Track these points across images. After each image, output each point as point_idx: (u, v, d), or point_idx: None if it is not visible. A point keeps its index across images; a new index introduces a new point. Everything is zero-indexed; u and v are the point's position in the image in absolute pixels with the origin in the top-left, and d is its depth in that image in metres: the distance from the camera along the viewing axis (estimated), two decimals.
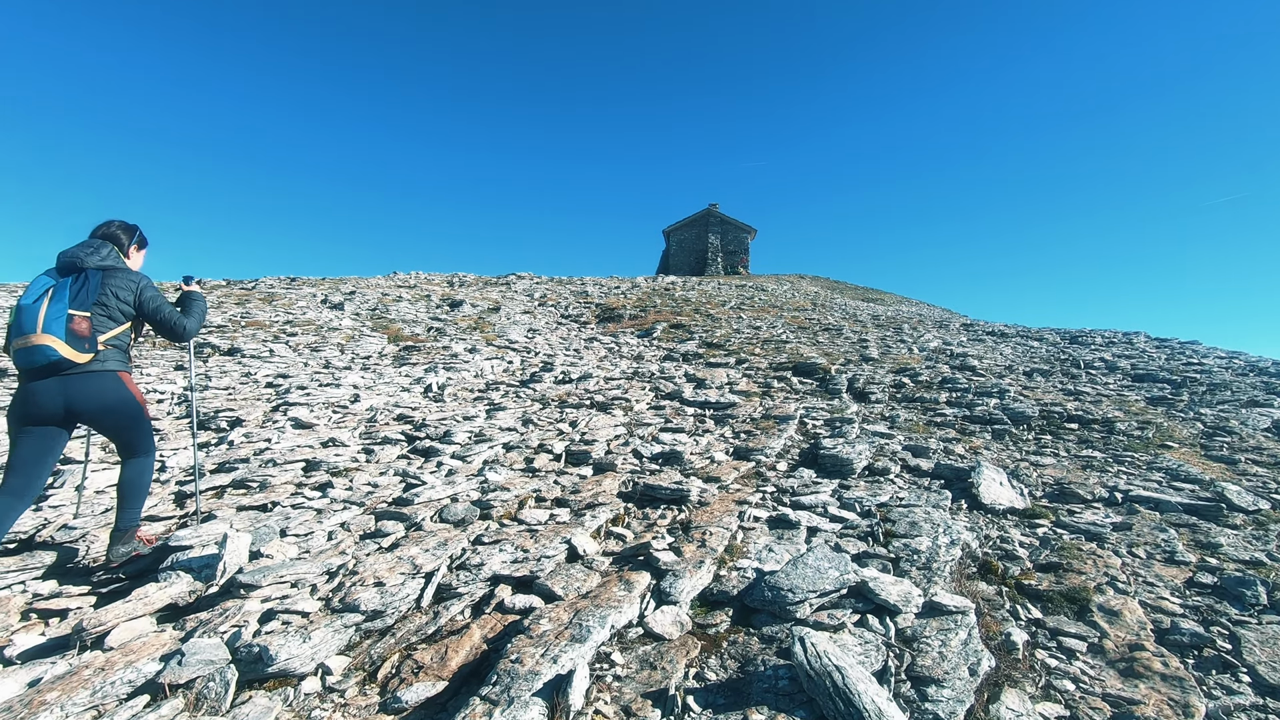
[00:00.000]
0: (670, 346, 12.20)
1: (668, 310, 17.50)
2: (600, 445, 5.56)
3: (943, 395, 7.79)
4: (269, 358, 9.73)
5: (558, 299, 20.13)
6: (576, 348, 11.88)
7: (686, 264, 45.87)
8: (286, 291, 17.26)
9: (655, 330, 14.44)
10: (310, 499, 4.24)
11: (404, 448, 5.44)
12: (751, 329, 14.13)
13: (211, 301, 14.77)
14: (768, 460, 5.38)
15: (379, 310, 14.93)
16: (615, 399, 7.42)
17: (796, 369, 9.49)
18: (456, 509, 4.01)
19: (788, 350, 11.11)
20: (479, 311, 16.11)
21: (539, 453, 5.40)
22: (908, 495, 4.54)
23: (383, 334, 12.30)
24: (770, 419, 6.69)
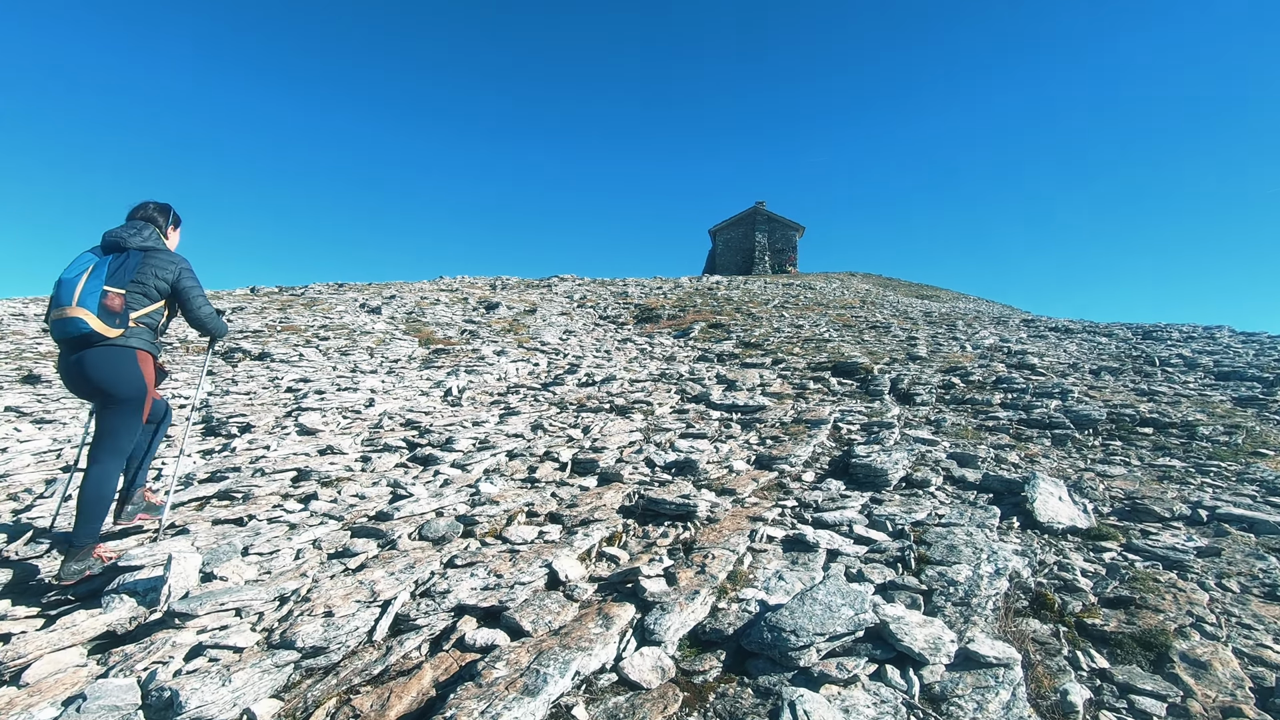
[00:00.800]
0: (705, 347, 11.72)
1: (707, 310, 17.00)
2: (610, 453, 5.16)
3: (996, 396, 7.10)
4: (297, 362, 9.69)
5: (597, 300, 19.86)
6: (608, 349, 11.52)
7: (733, 263, 45.14)
8: (330, 297, 17.48)
9: (692, 330, 13.97)
10: (289, 512, 3.96)
11: (403, 455, 5.15)
12: (793, 328, 13.52)
13: (255, 308, 15.01)
14: (792, 470, 4.88)
15: (415, 314, 14.91)
16: (637, 402, 7.01)
17: (836, 369, 8.90)
18: (438, 525, 3.67)
19: (829, 349, 10.49)
20: (515, 314, 15.95)
21: (544, 461, 5.04)
22: (949, 512, 3.98)
23: (414, 337, 12.21)
24: (801, 423, 6.16)
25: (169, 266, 3.43)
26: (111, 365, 3.23)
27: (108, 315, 3.19)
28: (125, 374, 3.27)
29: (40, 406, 6.91)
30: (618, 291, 21.99)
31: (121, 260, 3.32)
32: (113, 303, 3.20)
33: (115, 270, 3.28)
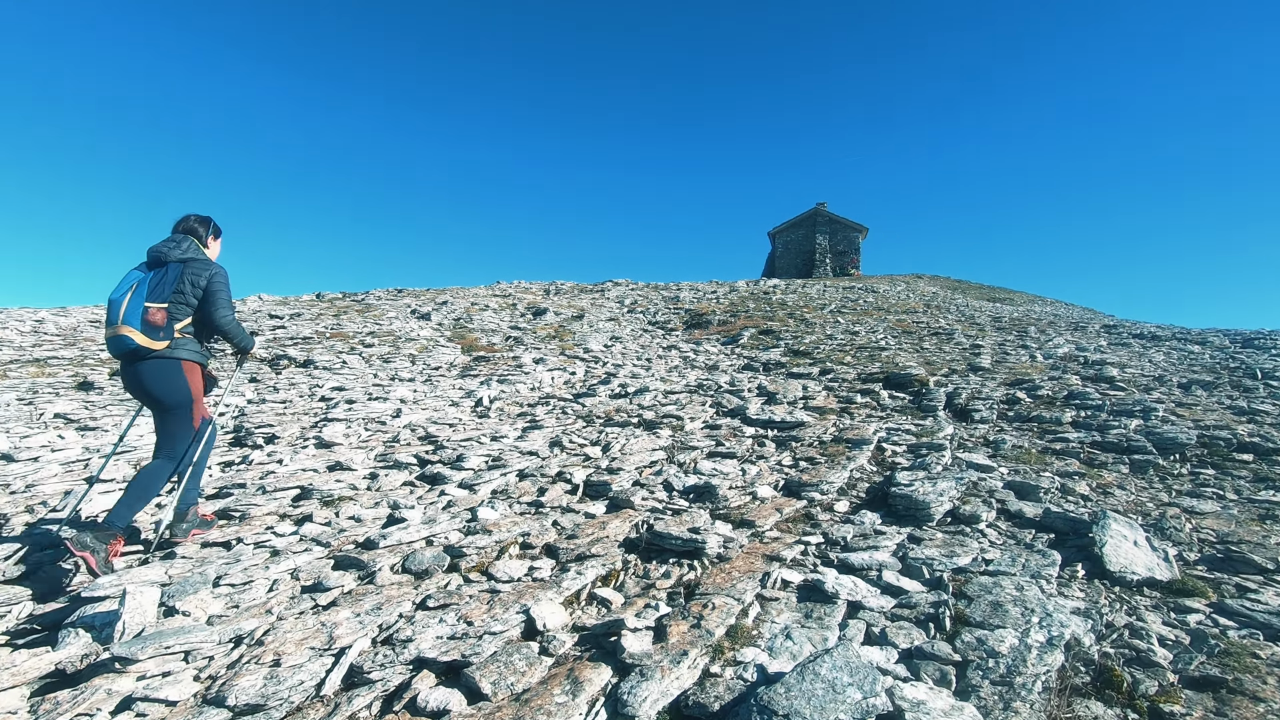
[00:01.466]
0: (751, 355, 11.23)
1: (759, 315, 16.44)
2: (627, 475, 4.82)
3: (1067, 414, 6.39)
4: (338, 369, 9.75)
5: (647, 305, 19.57)
6: (650, 357, 11.19)
7: (793, 266, 44.09)
8: (385, 303, 17.80)
9: (741, 337, 13.49)
10: (280, 535, 3.79)
11: (412, 473, 4.95)
12: (847, 334, 12.86)
13: (312, 314, 15.38)
14: (824, 499, 4.42)
15: (463, 320, 14.96)
16: (667, 416, 6.64)
17: (888, 381, 8.29)
18: (424, 556, 3.42)
19: (883, 358, 9.85)
20: (561, 319, 15.81)
21: (555, 482, 4.74)
22: (999, 556, 3.46)
23: (458, 344, 12.19)
24: (841, 443, 5.66)
25: (203, 273, 3.63)
26: (160, 375, 3.49)
27: (151, 330, 3.42)
28: (173, 383, 3.53)
29: (87, 414, 7.08)
30: (669, 296, 21.63)
31: (161, 275, 3.55)
32: (155, 318, 3.43)
33: (156, 285, 3.51)
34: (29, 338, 11.60)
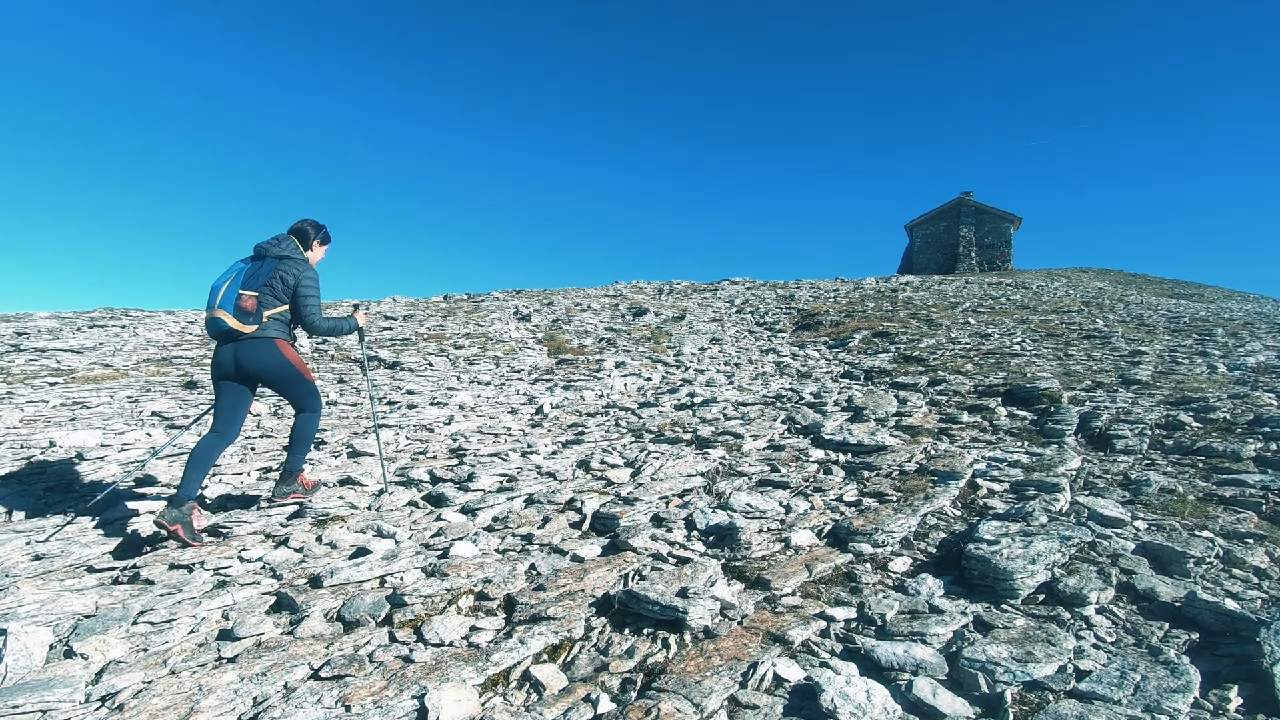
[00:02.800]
0: (855, 360, 10.05)
1: (876, 316, 14.97)
2: (645, 506, 4.14)
3: (1249, 446, 4.88)
4: (422, 372, 9.80)
5: (757, 305, 18.57)
6: (740, 362, 10.33)
7: (933, 261, 40.73)
8: (496, 304, 18.16)
9: (851, 340, 12.25)
10: (245, 560, 3.51)
11: (419, 492, 4.58)
12: (975, 338, 11.25)
13: (423, 315, 15.92)
14: (877, 552, 3.49)
15: (561, 321, 14.83)
16: (725, 433, 5.86)
17: (1010, 395, 6.93)
18: (363, 602, 2.96)
19: (1011, 367, 8.37)
20: (662, 320, 15.26)
21: (564, 510, 4.16)
22: (1102, 666, 2.43)
23: (546, 346, 11.98)
24: (926, 475, 4.63)
25: (294, 272, 3.99)
26: (259, 353, 3.89)
27: (242, 314, 3.83)
28: (272, 357, 3.93)
29: (180, 412, 7.46)
30: (784, 296, 20.43)
31: (258, 267, 3.95)
32: (246, 304, 3.83)
33: (251, 276, 3.92)
34: (174, 338, 12.81)
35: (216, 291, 3.87)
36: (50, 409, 7.43)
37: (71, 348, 11.32)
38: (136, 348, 11.56)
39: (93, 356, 10.53)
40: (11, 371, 9.09)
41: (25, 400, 7.63)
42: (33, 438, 6.39)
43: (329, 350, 11.30)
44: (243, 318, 3.83)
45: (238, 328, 3.82)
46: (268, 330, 3.92)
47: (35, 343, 11.59)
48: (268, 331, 3.92)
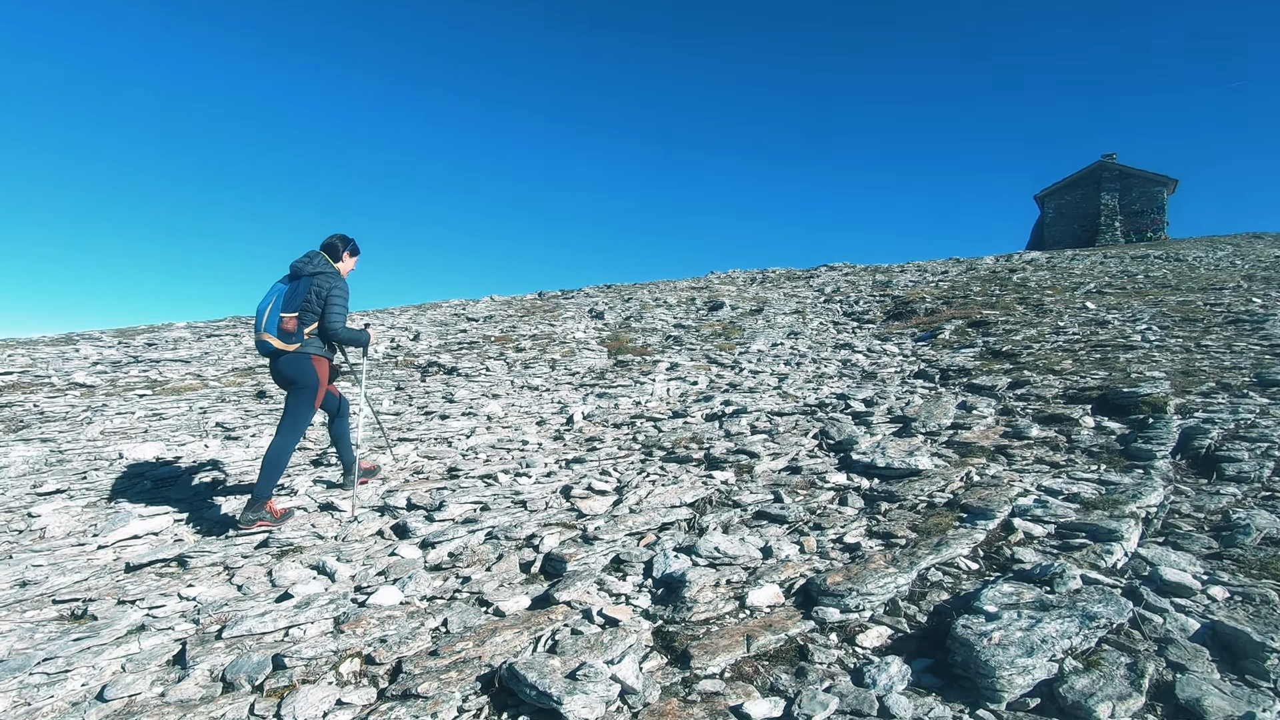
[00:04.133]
0: (935, 356, 8.99)
1: (979, 302, 13.49)
2: (606, 545, 3.71)
3: None
4: (475, 377, 9.83)
5: (848, 293, 17.38)
6: (802, 361, 9.54)
7: (1068, 233, 36.74)
8: (574, 301, 18.16)
9: (942, 331, 11.05)
10: (182, 599, 3.45)
11: (391, 520, 4.40)
12: (1088, 326, 9.77)
13: (500, 316, 16.17)
14: (848, 620, 2.87)
15: (633, 318, 14.51)
16: (741, 451, 5.28)
17: (1104, 401, 5.82)
18: (248, 662, 2.77)
19: (1117, 364, 7.10)
20: (738, 314, 14.55)
21: (522, 547, 3.82)
22: None
23: (608, 347, 11.70)
24: (955, 510, 3.87)
25: (325, 285, 4.31)
26: (295, 366, 4.30)
27: (285, 335, 4.22)
28: (304, 371, 4.31)
29: (241, 424, 7.84)
30: (881, 281, 19.00)
31: (294, 287, 4.29)
32: (288, 325, 4.21)
33: (289, 298, 4.26)
34: None
35: (261, 315, 4.25)
36: (134, 420, 8.05)
37: (182, 357, 12.38)
38: (235, 357, 12.46)
39: (195, 367, 11.44)
40: (117, 383, 10.02)
41: (115, 412, 8.32)
42: (106, 449, 6.90)
43: (396, 356, 11.65)
44: (285, 338, 4.21)
45: (282, 348, 4.21)
46: (308, 346, 4.31)
47: (156, 353, 12.79)
48: (307, 348, 4.31)
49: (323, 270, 4.34)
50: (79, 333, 17.28)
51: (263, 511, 4.24)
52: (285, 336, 4.19)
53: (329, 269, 4.37)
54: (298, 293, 4.25)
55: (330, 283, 4.32)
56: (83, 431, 7.51)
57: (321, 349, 4.40)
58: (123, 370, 11.10)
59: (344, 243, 4.59)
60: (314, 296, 4.26)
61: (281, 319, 4.20)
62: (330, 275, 4.35)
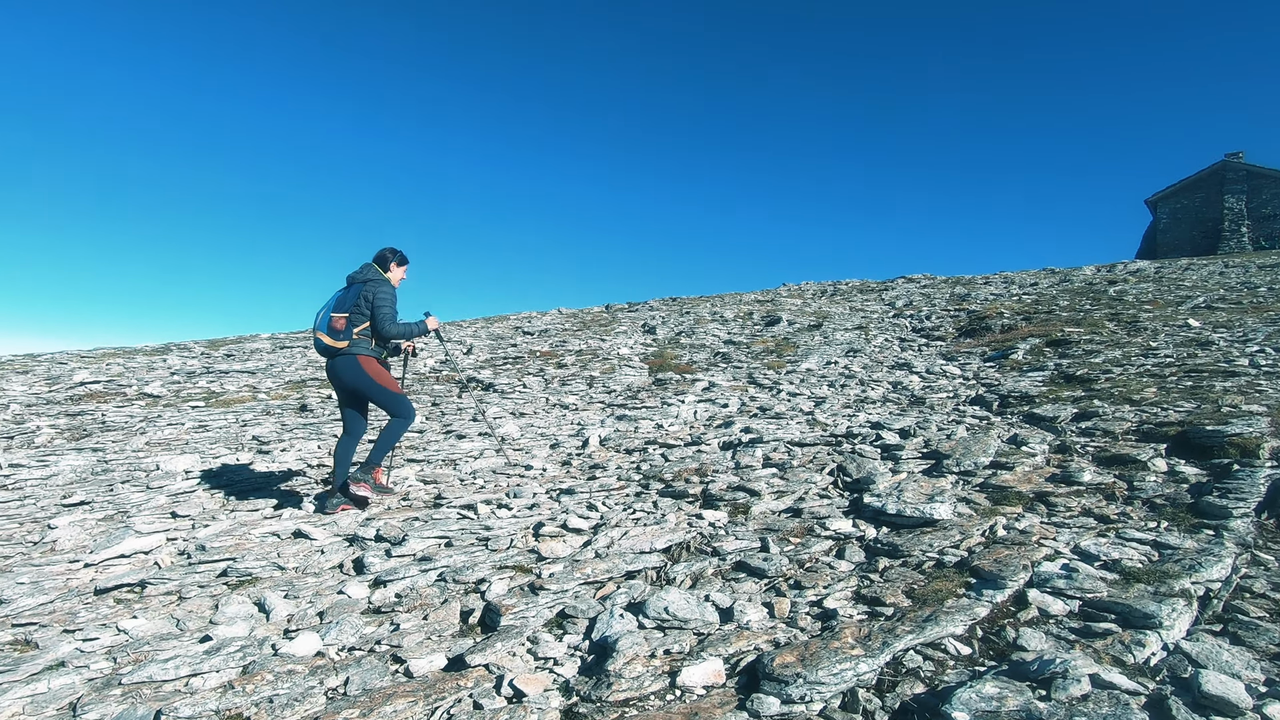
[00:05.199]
0: (997, 380, 8.13)
1: (1063, 318, 12.29)
2: (554, 597, 3.36)
3: None
4: (510, 394, 9.72)
5: (923, 307, 16.32)
6: (846, 383, 8.86)
7: (1185, 240, 33.45)
8: (629, 315, 17.94)
9: (1015, 350, 10.08)
10: (120, 632, 3.36)
11: (356, 552, 4.21)
12: (1186, 348, 8.61)
13: (557, 329, 16.14)
14: (790, 715, 2.40)
15: (684, 333, 14.10)
16: (741, 489, 4.81)
17: (1183, 440, 4.96)
18: (132, 716, 2.60)
19: (1211, 393, 6.12)
20: (795, 330, 13.88)
21: (469, 592, 3.53)
22: None
23: (650, 364, 11.36)
24: (965, 573, 3.29)
25: (373, 290, 4.76)
26: (346, 367, 4.77)
27: (334, 334, 4.71)
28: (354, 372, 4.76)
29: (276, 437, 8.01)
30: (958, 294, 17.78)
31: (347, 292, 4.84)
32: (337, 324, 4.71)
33: (341, 300, 4.81)
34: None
35: (316, 315, 4.82)
36: (180, 432, 8.39)
37: (249, 369, 12.98)
38: (297, 369, 12.95)
39: (256, 379, 11.95)
40: (181, 393, 10.57)
41: (166, 423, 8.71)
42: (145, 460, 7.18)
43: (441, 371, 11.74)
44: (335, 335, 4.70)
45: (331, 344, 4.70)
46: (356, 346, 4.73)
47: (227, 365, 13.48)
48: (356, 348, 4.73)
49: (372, 278, 4.82)
50: (176, 343, 18.55)
51: (369, 475, 4.89)
52: (334, 334, 4.69)
53: (378, 277, 4.84)
54: (349, 296, 4.78)
55: (376, 288, 4.76)
56: (130, 442, 7.86)
57: (370, 349, 4.81)
58: (192, 381, 11.73)
59: (393, 254, 5.02)
60: (363, 301, 4.73)
61: (332, 318, 4.72)
62: (377, 282, 4.81)
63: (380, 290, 4.78)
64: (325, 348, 4.76)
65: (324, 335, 4.72)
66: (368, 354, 4.80)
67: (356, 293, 4.78)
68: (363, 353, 4.77)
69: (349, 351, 4.72)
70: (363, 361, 4.76)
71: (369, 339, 4.82)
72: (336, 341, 4.70)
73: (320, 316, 4.79)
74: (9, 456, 7.36)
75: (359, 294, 4.77)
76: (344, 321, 4.71)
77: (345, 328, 4.71)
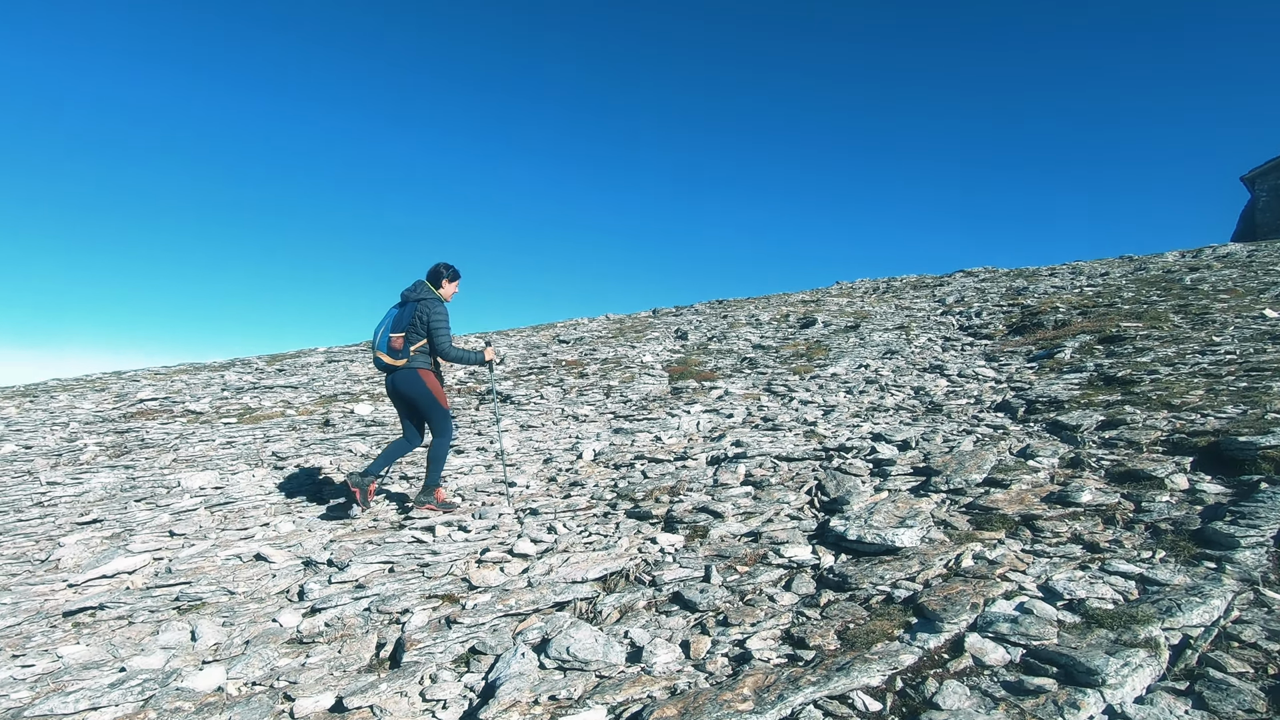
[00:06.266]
0: (1028, 383, 7.51)
1: (1125, 310, 11.33)
2: (464, 631, 3.22)
3: None
4: (525, 405, 9.69)
5: (975, 302, 15.44)
6: (865, 389, 8.39)
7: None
8: (665, 320, 17.71)
9: (1061, 349, 9.34)
10: (57, 659, 3.43)
11: (315, 574, 4.19)
12: (1253, 342, 7.75)
13: (589, 337, 16.08)
14: None
15: (715, 338, 13.77)
16: (705, 509, 4.54)
17: (1214, 452, 4.39)
18: None
19: (1265, 397, 5.42)
20: (831, 331, 13.33)
21: (392, 623, 3.44)
22: None
23: (671, 371, 11.12)
24: (909, 612, 2.96)
25: (427, 310, 5.01)
26: (406, 382, 5.05)
27: (393, 352, 5.01)
28: (415, 385, 5.05)
29: (294, 453, 8.22)
30: (1016, 288, 16.73)
31: (402, 311, 5.08)
32: (395, 344, 5.00)
33: (397, 320, 5.06)
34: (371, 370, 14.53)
35: (375, 335, 5.11)
36: (209, 448, 8.74)
37: (291, 384, 13.48)
38: (336, 383, 13.35)
39: (295, 394, 12.38)
40: (221, 410, 11.05)
41: (198, 440, 9.10)
42: (168, 477, 7.49)
43: (468, 382, 11.84)
44: (394, 354, 4.98)
45: (391, 363, 5.00)
46: (414, 362, 5.02)
47: (272, 380, 14.05)
48: (414, 363, 5.02)
49: (424, 296, 5.05)
50: (241, 358, 19.53)
51: (431, 497, 5.17)
52: (393, 353, 4.98)
53: (430, 295, 5.08)
54: (404, 316, 5.02)
55: (430, 308, 5.00)
56: (160, 459, 8.24)
57: (427, 364, 5.10)
58: (236, 397, 12.26)
59: (446, 269, 5.23)
60: (418, 320, 4.98)
61: (390, 338, 4.99)
62: (430, 301, 5.03)
63: (434, 311, 5.00)
64: (385, 365, 5.04)
65: (384, 355, 5.01)
66: (426, 369, 5.08)
67: (411, 311, 5.01)
68: (422, 366, 5.05)
69: (409, 366, 5.00)
70: (422, 374, 5.04)
71: (426, 354, 5.09)
72: (396, 360, 4.98)
73: (379, 336, 5.06)
74: (52, 474, 7.83)
75: (413, 313, 4.99)
76: (401, 340, 4.98)
77: (403, 346, 4.98)
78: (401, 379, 5.04)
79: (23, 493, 7.19)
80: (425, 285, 5.14)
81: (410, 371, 5.02)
